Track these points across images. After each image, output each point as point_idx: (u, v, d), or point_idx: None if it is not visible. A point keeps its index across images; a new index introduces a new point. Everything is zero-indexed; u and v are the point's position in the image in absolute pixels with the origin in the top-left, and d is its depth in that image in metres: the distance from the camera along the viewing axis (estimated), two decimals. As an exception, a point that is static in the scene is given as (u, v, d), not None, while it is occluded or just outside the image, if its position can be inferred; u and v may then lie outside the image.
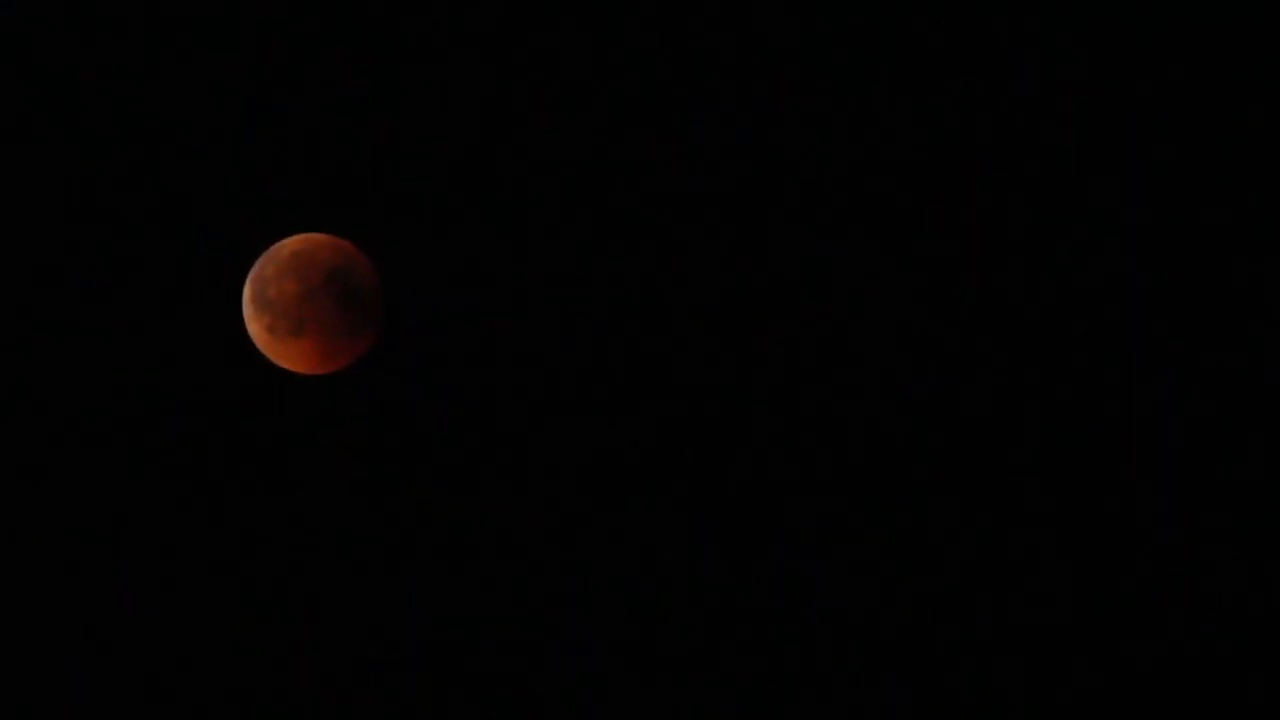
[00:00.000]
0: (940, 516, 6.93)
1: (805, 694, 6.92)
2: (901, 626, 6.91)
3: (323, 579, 7.02)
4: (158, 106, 7.03)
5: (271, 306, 6.56)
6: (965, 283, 6.98)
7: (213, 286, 6.91)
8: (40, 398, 6.99)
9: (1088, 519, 6.90)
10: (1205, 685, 6.80)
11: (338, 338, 6.60)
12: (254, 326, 6.62)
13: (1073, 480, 6.92)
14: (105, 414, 7.00)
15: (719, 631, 6.95)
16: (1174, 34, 6.90)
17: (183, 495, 7.00)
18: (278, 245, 6.69)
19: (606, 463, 7.05)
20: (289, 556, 7.02)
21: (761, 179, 7.05)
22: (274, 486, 7.03)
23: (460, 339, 7.08)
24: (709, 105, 7.03)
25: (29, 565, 6.96)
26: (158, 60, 7.02)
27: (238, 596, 6.99)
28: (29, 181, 7.01)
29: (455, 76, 7.06)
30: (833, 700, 6.92)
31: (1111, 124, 6.94)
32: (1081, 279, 6.96)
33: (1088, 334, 6.96)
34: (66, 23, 6.99)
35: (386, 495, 7.05)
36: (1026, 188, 6.98)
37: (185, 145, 7.03)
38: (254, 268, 6.65)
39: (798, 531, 6.95)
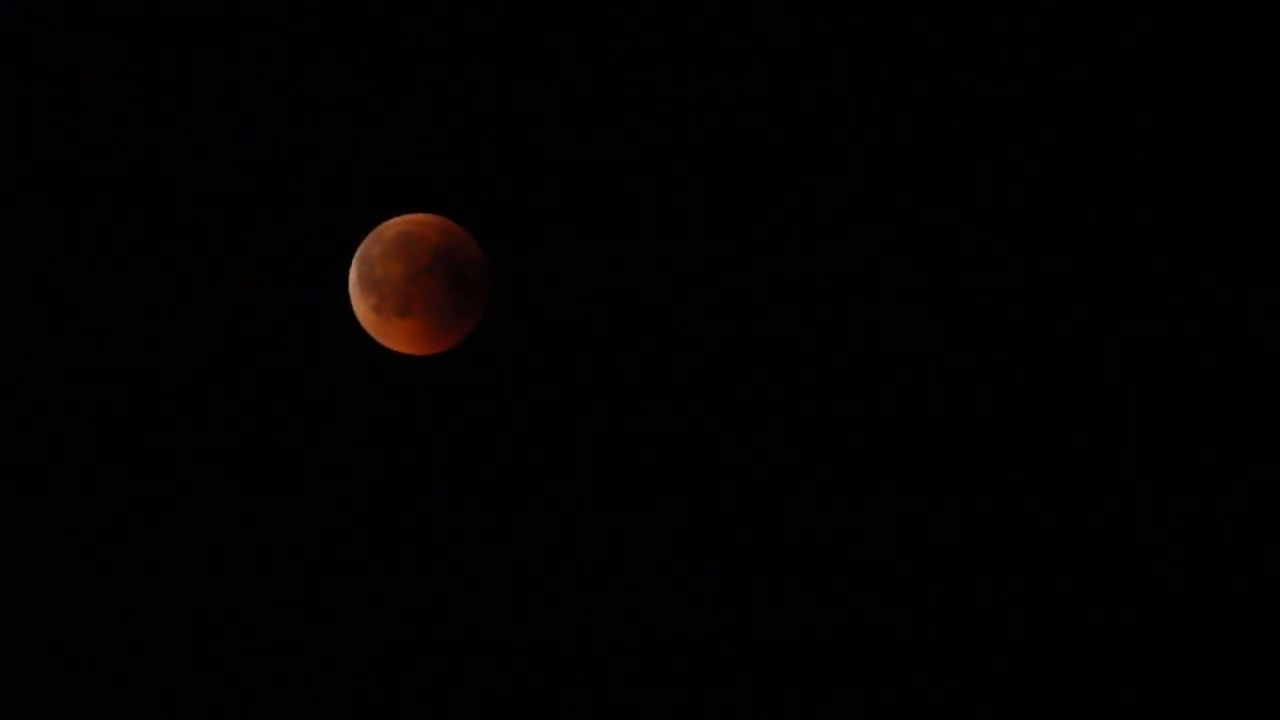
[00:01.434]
0: (940, 517, 6.92)
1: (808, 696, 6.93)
2: (902, 628, 6.91)
3: (426, 558, 7.03)
4: (266, 88, 7.06)
5: (378, 286, 6.57)
6: (964, 283, 6.95)
7: (320, 266, 6.93)
8: (153, 375, 7.05)
9: (1087, 519, 6.88)
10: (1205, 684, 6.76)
11: (444, 318, 6.60)
12: (360, 306, 6.64)
13: (1071, 480, 6.89)
14: (212, 392, 7.05)
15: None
16: (1174, 34, 6.84)
17: (287, 474, 7.03)
18: (385, 225, 6.69)
19: (712, 447, 7.02)
20: (392, 535, 7.04)
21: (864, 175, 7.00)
22: (378, 466, 7.05)
23: (566, 321, 7.06)
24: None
25: (132, 542, 7.02)
26: (266, 43, 7.05)
27: (344, 573, 7.02)
28: (137, 160, 7.06)
29: (565, 61, 7.04)
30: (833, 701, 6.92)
31: (1110, 124, 6.89)
32: (1080, 279, 6.93)
33: (1086, 334, 6.92)
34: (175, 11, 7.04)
35: (489, 476, 7.05)
36: (1025, 187, 6.94)
37: (294, 125, 7.05)
38: (361, 247, 6.66)
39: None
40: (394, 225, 6.69)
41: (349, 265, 6.65)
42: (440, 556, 7.03)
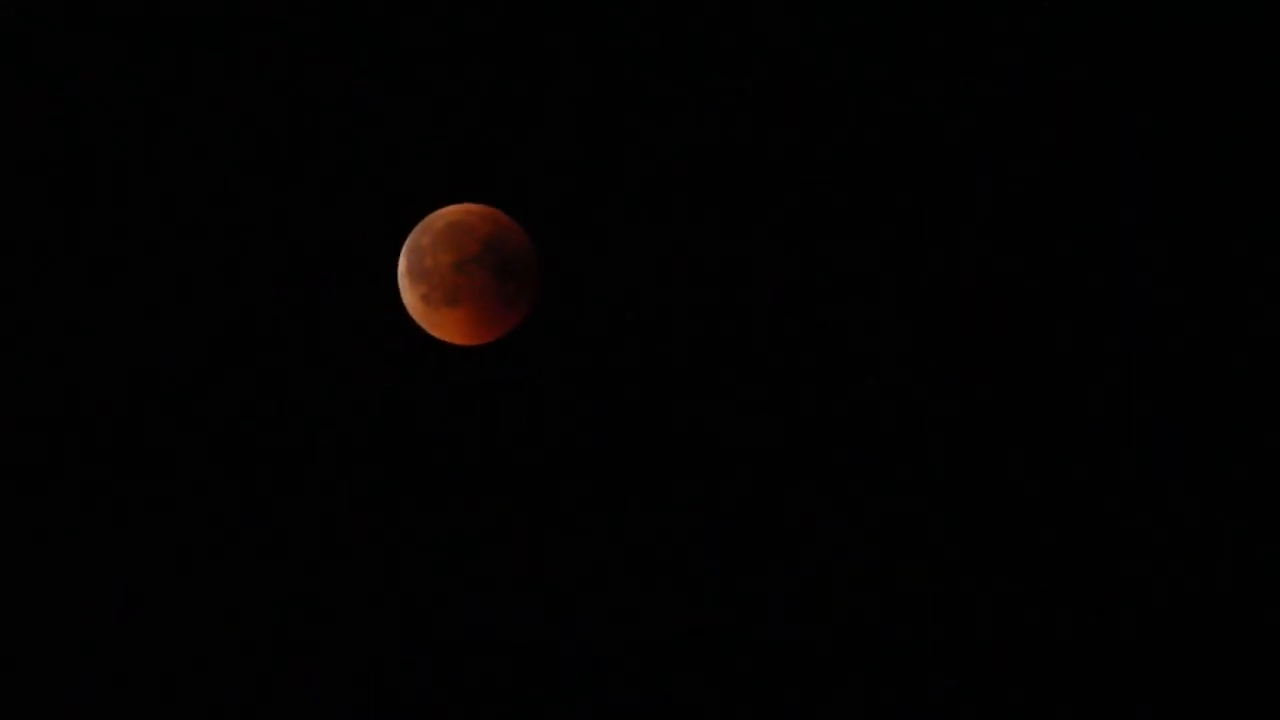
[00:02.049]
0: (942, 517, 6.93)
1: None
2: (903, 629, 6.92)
3: (477, 550, 7.04)
4: (315, 78, 7.08)
5: (427, 276, 6.58)
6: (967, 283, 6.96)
7: (368, 256, 6.95)
8: (201, 365, 7.08)
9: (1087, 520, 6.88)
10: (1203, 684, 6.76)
11: (493, 308, 6.60)
12: (409, 296, 6.65)
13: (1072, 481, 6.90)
14: (260, 383, 7.07)
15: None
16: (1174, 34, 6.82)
17: (338, 465, 7.05)
18: (433, 215, 6.70)
19: (759, 441, 7.01)
20: (443, 526, 7.05)
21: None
22: (427, 456, 7.06)
23: (615, 311, 7.06)
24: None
25: (190, 534, 7.06)
26: (320, 35, 7.07)
27: (393, 563, 7.04)
28: (200, 153, 7.10)
29: (617, 47, 7.03)
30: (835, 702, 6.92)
31: (1110, 124, 6.89)
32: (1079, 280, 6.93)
33: (1085, 334, 6.93)
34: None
35: (536, 466, 7.05)
36: (1024, 187, 6.94)
37: (344, 116, 7.07)
38: (409, 238, 6.67)
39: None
40: (443, 215, 6.69)
41: (398, 255, 6.67)
42: (490, 547, 7.04)
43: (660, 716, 6.94)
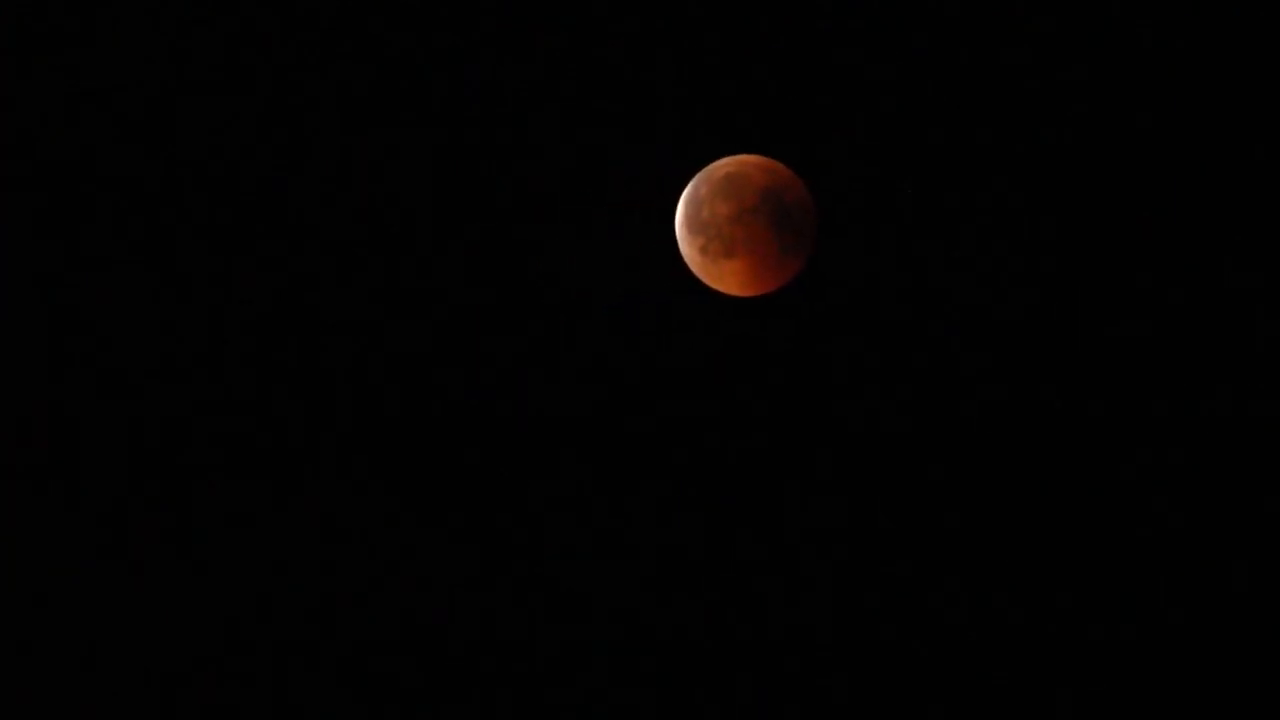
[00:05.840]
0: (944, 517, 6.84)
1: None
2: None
3: (755, 505, 7.07)
4: (600, 31, 7.15)
5: (705, 228, 6.61)
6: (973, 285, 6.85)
7: (647, 208, 6.99)
8: (483, 322, 7.21)
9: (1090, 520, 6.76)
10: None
11: (770, 260, 6.60)
12: (687, 248, 6.68)
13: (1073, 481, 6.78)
14: (536, 336, 7.18)
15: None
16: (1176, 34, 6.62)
17: (614, 417, 7.12)
18: (712, 167, 6.73)
19: (1030, 410, 6.91)
20: (723, 477, 7.09)
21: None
22: (705, 407, 7.09)
23: (892, 262, 6.99)
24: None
25: (463, 491, 7.21)
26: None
27: (656, 509, 7.10)
28: (490, 98, 7.22)
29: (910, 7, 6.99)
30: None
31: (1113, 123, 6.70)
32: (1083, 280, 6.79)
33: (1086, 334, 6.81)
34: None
35: (812, 420, 7.04)
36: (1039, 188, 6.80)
37: (626, 71, 7.12)
38: (688, 188, 6.70)
39: None
40: (722, 166, 6.71)
41: (676, 206, 6.71)
42: (771, 499, 7.06)
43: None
